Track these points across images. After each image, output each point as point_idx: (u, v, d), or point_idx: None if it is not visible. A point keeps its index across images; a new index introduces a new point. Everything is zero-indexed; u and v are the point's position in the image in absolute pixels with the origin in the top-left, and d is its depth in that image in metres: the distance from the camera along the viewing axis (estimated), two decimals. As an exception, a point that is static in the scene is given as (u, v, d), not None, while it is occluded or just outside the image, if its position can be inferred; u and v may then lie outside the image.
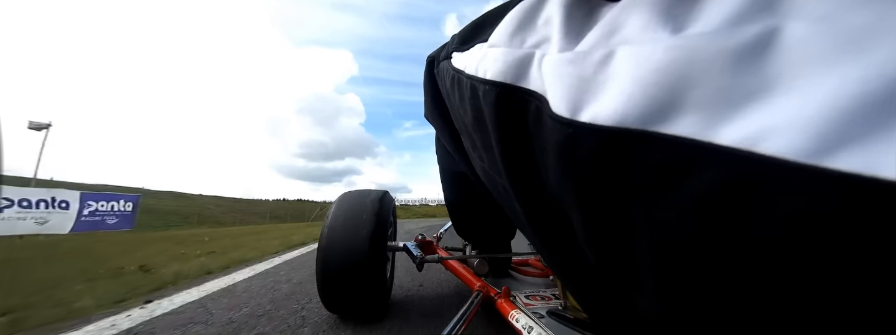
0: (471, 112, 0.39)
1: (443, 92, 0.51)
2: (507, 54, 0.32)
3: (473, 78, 0.37)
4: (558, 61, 0.25)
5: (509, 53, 0.32)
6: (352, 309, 0.92)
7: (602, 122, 0.20)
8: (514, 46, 0.32)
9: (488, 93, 0.33)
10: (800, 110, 0.13)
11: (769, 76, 0.14)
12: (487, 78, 0.34)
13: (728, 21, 0.16)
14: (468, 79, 0.39)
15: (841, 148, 0.12)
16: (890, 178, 0.11)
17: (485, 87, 0.34)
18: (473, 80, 0.37)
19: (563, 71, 0.24)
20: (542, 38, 0.30)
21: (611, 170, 0.21)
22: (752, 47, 0.15)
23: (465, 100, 0.40)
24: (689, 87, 0.17)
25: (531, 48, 0.30)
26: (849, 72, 0.12)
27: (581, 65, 0.23)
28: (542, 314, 0.67)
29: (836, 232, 0.13)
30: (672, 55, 0.17)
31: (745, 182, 0.15)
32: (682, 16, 0.19)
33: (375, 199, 1.00)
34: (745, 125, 0.15)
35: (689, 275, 0.19)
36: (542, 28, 0.30)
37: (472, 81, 0.37)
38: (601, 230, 0.24)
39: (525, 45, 0.31)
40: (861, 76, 0.12)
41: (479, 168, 0.44)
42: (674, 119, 0.17)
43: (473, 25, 0.45)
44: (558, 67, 0.25)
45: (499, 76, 0.32)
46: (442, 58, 0.50)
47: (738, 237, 0.16)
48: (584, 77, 0.22)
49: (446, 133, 0.57)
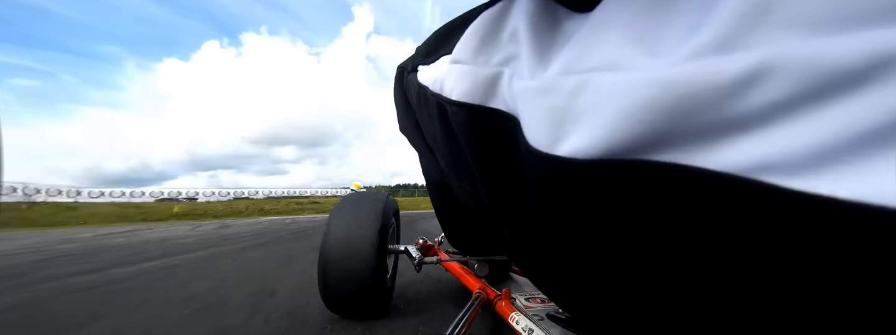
0: (441, 132, 0.37)
1: (413, 106, 0.49)
2: (473, 73, 0.30)
3: (440, 97, 0.35)
4: (529, 89, 0.24)
5: (476, 72, 0.30)
6: (353, 310, 0.93)
7: (585, 155, 0.20)
8: (480, 64, 0.30)
9: (458, 114, 0.32)
10: (794, 137, 0.13)
11: (761, 105, 0.14)
12: (454, 99, 0.32)
13: (713, 49, 0.16)
14: (433, 96, 0.37)
15: (833, 174, 0.12)
16: (881, 205, 0.11)
17: (453, 108, 0.33)
18: (440, 99, 0.35)
19: (536, 100, 0.23)
20: (508, 55, 0.28)
21: (597, 198, 0.21)
22: (742, 78, 0.15)
23: (434, 118, 0.38)
24: (675, 119, 0.16)
25: (498, 66, 0.29)
26: (845, 100, 0.12)
27: (554, 94, 0.22)
28: (541, 316, 0.68)
29: (824, 257, 0.13)
30: (654, 89, 0.17)
31: (737, 208, 0.15)
32: (655, 39, 0.18)
33: (377, 202, 1.01)
34: (738, 151, 0.15)
35: (676, 297, 0.20)
36: (507, 44, 0.28)
37: (439, 100, 0.36)
38: (586, 251, 0.24)
39: (491, 62, 0.30)
40: (858, 104, 0.12)
41: (456, 186, 0.42)
42: (662, 148, 0.17)
43: (436, 36, 0.43)
44: (530, 95, 0.24)
45: (466, 96, 0.31)
46: (409, 70, 0.48)
47: (729, 261, 0.16)
48: (560, 107, 0.21)
49: (423, 148, 0.55)
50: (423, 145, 0.53)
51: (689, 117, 0.16)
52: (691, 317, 0.20)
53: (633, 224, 0.20)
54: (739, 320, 0.17)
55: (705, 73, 0.16)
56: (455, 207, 0.91)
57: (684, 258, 0.18)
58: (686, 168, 0.16)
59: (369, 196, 1.05)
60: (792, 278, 0.15)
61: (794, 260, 0.14)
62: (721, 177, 0.15)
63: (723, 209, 0.16)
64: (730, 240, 0.16)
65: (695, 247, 0.18)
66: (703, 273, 0.18)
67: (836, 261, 0.13)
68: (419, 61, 0.44)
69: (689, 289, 0.19)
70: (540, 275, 0.33)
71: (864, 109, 0.12)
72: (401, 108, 0.55)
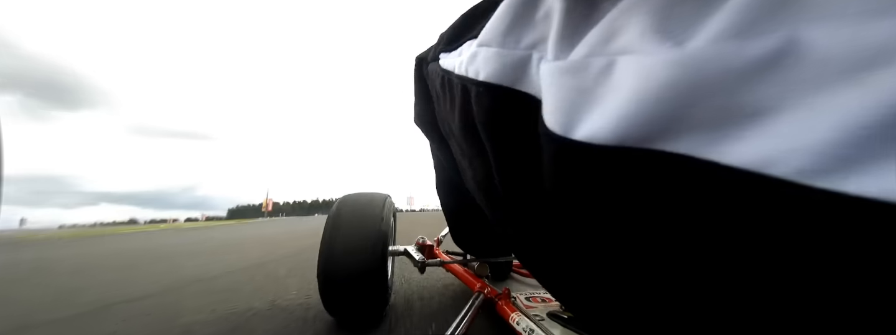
0: (461, 117, 0.36)
1: (433, 95, 0.48)
2: (501, 55, 0.30)
3: (464, 78, 0.34)
4: (552, 70, 0.24)
5: (504, 54, 0.29)
6: (353, 313, 0.92)
7: (599, 140, 0.19)
8: (508, 47, 0.29)
9: (482, 95, 0.31)
10: (811, 130, 0.12)
11: (779, 93, 0.14)
12: (480, 79, 0.31)
13: (735, 33, 0.15)
14: (458, 79, 0.36)
15: (853, 170, 0.12)
16: None
17: (479, 89, 0.32)
18: (465, 81, 0.34)
19: (557, 82, 0.23)
20: (538, 37, 0.27)
21: (608, 188, 0.20)
22: (761, 63, 0.14)
23: (455, 103, 0.37)
24: (691, 102, 0.16)
25: (528, 50, 0.28)
26: (866, 90, 0.12)
27: (575, 76, 0.21)
28: (542, 316, 0.68)
29: (843, 258, 0.12)
30: (674, 70, 0.16)
31: (750, 205, 0.14)
32: (685, 23, 0.17)
33: (377, 203, 1.00)
34: (752, 145, 0.14)
35: (687, 297, 0.19)
36: (539, 25, 0.27)
37: (464, 82, 0.35)
38: (597, 246, 0.23)
39: (521, 45, 0.29)
40: (879, 95, 0.11)
41: (469, 177, 0.42)
42: (676, 138, 0.16)
43: (461, 22, 0.42)
44: (552, 77, 0.23)
45: (493, 78, 0.30)
46: (430, 59, 0.47)
47: (741, 261, 0.16)
48: (580, 89, 0.21)
49: (437, 139, 0.54)
50: (438, 135, 0.52)
51: (705, 102, 0.15)
52: (695, 317, 0.20)
53: (640, 217, 0.19)
54: (744, 320, 0.17)
55: (725, 56, 0.15)
56: (463, 204, 0.89)
57: (688, 255, 0.18)
58: (698, 161, 0.16)
59: (369, 196, 1.04)
60: (811, 281, 0.14)
61: (815, 262, 0.13)
62: (733, 172, 0.15)
63: (733, 204, 0.15)
64: (736, 236, 0.15)
65: (701, 243, 0.17)
66: (708, 272, 0.18)
67: (855, 262, 0.12)
68: (442, 48, 0.43)
69: (693, 289, 0.19)
70: (546, 271, 0.32)
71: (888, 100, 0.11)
72: (419, 98, 0.55)
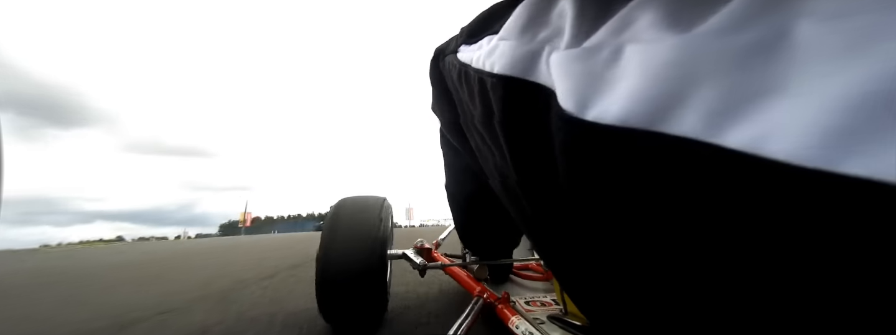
0: (480, 107, 0.38)
1: (450, 86, 0.51)
2: (516, 48, 0.31)
3: (481, 71, 0.37)
4: (566, 57, 0.25)
5: (518, 47, 0.31)
6: (350, 319, 0.90)
7: (607, 121, 0.20)
8: (525, 41, 0.31)
9: (496, 86, 0.33)
10: (808, 112, 0.13)
11: (777, 76, 0.14)
12: (495, 71, 0.33)
13: (735, 19, 0.16)
14: (475, 72, 0.38)
15: (851, 151, 0.12)
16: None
17: (493, 80, 0.34)
18: (481, 74, 0.36)
19: (571, 67, 0.24)
20: (553, 32, 0.29)
21: (614, 170, 0.21)
22: (759, 46, 0.14)
23: (474, 94, 0.39)
24: (693, 86, 0.16)
25: (541, 42, 0.30)
26: (862, 72, 0.12)
27: (588, 62, 0.22)
28: (542, 319, 0.67)
29: (841, 239, 0.12)
30: (676, 53, 0.17)
31: (749, 186, 0.15)
32: (694, 14, 0.18)
33: (375, 206, 0.99)
34: (750, 126, 0.14)
35: (690, 278, 0.19)
36: (555, 21, 0.29)
37: (480, 75, 0.37)
38: (605, 231, 0.23)
39: (536, 38, 0.30)
40: (876, 76, 0.11)
41: (486, 166, 0.43)
42: (677, 119, 0.17)
43: (482, 18, 0.44)
44: (566, 63, 0.25)
45: (507, 69, 0.32)
46: (449, 51, 0.49)
47: (741, 242, 0.16)
48: (591, 74, 0.22)
49: (453, 127, 0.56)
50: (453, 124, 0.54)
51: (704, 83, 0.16)
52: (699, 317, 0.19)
53: (648, 200, 0.19)
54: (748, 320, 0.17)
55: (724, 40, 0.15)
56: (475, 196, 0.88)
57: (694, 243, 0.18)
58: (697, 143, 0.16)
59: (366, 199, 1.04)
60: (810, 262, 0.13)
61: (813, 244, 0.13)
62: (730, 154, 0.15)
63: (730, 185, 0.15)
64: (736, 218, 0.15)
65: (705, 227, 0.17)
66: (712, 259, 0.17)
67: (853, 243, 0.12)
68: (462, 41, 0.45)
69: (693, 289, 0.19)
70: (564, 264, 0.32)
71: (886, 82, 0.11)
72: (436, 87, 0.58)
